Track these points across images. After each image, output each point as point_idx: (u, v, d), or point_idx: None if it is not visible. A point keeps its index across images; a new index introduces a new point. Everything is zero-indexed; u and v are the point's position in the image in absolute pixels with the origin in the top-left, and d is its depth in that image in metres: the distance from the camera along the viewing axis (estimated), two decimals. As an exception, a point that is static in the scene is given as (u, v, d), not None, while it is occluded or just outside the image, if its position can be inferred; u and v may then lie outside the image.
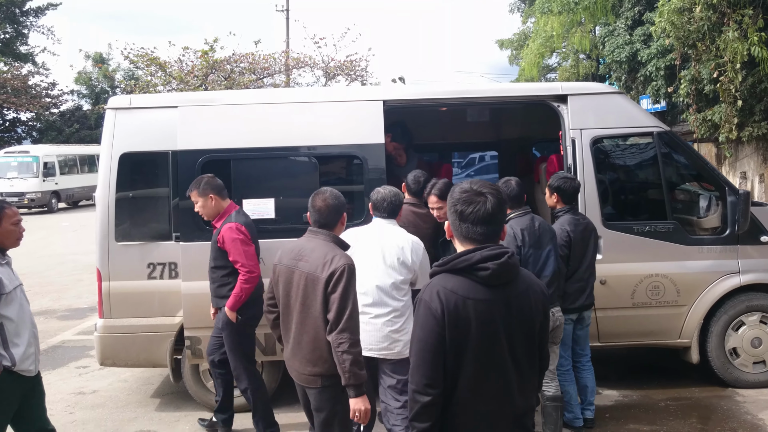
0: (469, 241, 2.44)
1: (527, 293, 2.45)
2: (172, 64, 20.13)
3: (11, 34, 38.51)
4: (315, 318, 3.50)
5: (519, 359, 2.42)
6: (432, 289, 2.41)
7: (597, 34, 22.97)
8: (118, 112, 5.54)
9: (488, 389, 2.39)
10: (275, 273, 3.72)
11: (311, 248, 3.59)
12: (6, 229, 3.83)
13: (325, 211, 3.67)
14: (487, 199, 2.41)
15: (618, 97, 5.85)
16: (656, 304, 5.59)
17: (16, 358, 3.75)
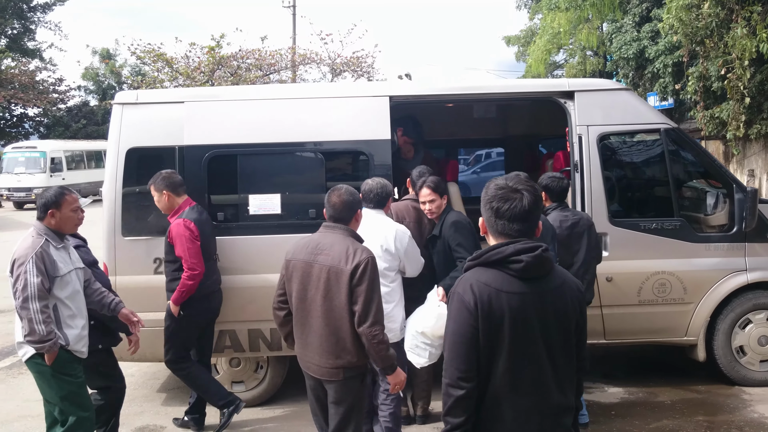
0: (504, 238, 2.42)
1: (562, 289, 2.44)
2: (179, 60, 20.20)
3: (19, 30, 38.65)
4: (339, 310, 3.54)
5: (555, 354, 2.40)
6: (465, 282, 2.40)
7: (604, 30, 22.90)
8: (125, 107, 5.55)
9: (523, 383, 2.37)
10: (288, 269, 3.70)
11: (330, 243, 3.62)
12: (65, 215, 4.05)
13: (340, 207, 3.72)
14: (523, 195, 2.39)
15: (625, 93, 5.83)
16: (663, 301, 5.57)
17: (69, 338, 3.99)
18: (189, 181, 5.40)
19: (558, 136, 6.71)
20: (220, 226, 5.43)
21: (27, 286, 3.82)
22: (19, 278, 3.86)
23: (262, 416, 5.58)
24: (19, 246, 3.99)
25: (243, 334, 5.43)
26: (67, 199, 4.06)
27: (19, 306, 3.86)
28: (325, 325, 3.57)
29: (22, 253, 3.90)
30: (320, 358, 3.61)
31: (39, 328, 3.82)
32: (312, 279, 3.59)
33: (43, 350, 3.87)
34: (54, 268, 3.93)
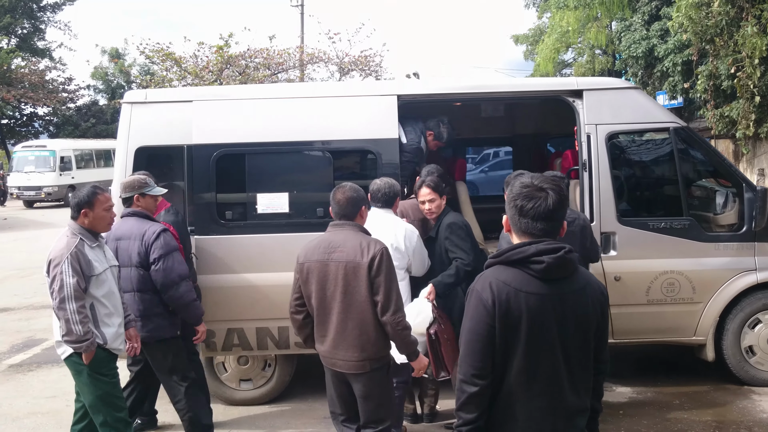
0: (527, 236, 2.41)
1: (584, 291, 2.42)
2: (187, 59, 20.24)
3: (29, 30, 38.88)
4: (361, 303, 3.64)
5: (570, 356, 2.39)
6: (485, 280, 2.40)
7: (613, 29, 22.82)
8: (134, 106, 5.57)
9: (537, 384, 2.37)
10: (303, 272, 3.76)
11: (342, 240, 3.71)
12: (98, 215, 4.09)
13: (344, 204, 3.79)
14: (548, 194, 2.37)
15: (634, 92, 5.80)
16: (671, 301, 5.55)
17: (107, 337, 4.06)
18: (197, 180, 5.42)
19: (566, 135, 6.70)
20: (228, 225, 5.45)
21: (63, 287, 3.87)
22: (55, 279, 3.90)
23: (270, 414, 5.60)
24: (54, 246, 4.02)
25: (251, 332, 5.45)
26: (99, 199, 4.08)
27: (56, 306, 3.91)
28: (348, 319, 3.66)
29: (58, 254, 3.93)
30: (345, 352, 3.69)
31: (76, 328, 3.88)
32: (329, 277, 3.67)
33: (81, 350, 3.93)
34: (90, 268, 3.98)
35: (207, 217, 5.43)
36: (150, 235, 4.54)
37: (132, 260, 4.57)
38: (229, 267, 5.36)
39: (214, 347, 5.45)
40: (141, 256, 4.54)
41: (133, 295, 4.59)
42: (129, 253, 4.57)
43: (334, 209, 3.83)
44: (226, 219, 5.46)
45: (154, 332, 4.62)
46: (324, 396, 5.76)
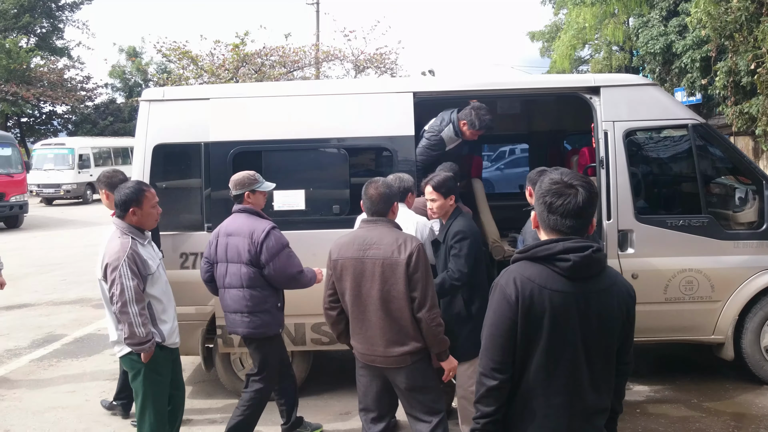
0: (555, 233, 2.40)
1: (610, 291, 2.40)
2: (204, 57, 20.39)
3: (48, 29, 39.27)
4: (399, 299, 3.62)
5: (592, 355, 2.37)
6: (509, 275, 2.39)
7: (630, 25, 22.66)
8: (152, 104, 5.62)
9: (556, 381, 2.36)
10: (337, 269, 3.74)
11: (378, 236, 3.69)
12: (147, 212, 4.09)
13: (378, 199, 3.77)
14: (578, 191, 2.35)
15: (652, 88, 5.76)
16: (690, 299, 5.50)
17: (165, 334, 4.10)
18: (215, 177, 5.46)
19: (583, 132, 6.67)
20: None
21: (124, 291, 3.87)
22: (114, 283, 3.89)
23: (287, 410, 5.62)
24: (108, 249, 4.00)
25: (267, 328, 5.46)
26: (147, 196, 4.08)
27: (118, 311, 3.91)
28: (386, 316, 3.65)
29: (114, 257, 3.91)
30: (385, 348, 3.68)
31: (139, 330, 3.90)
32: (366, 274, 3.65)
33: (142, 351, 3.97)
34: (145, 267, 4.00)
35: (224, 215, 5.45)
36: (259, 234, 4.52)
37: (241, 257, 4.56)
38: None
39: (231, 343, 5.48)
40: (251, 254, 4.53)
41: (241, 291, 4.61)
42: (238, 250, 4.57)
43: (366, 205, 3.81)
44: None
45: (260, 329, 4.65)
46: (339, 392, 5.80)
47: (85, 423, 5.50)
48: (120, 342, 4.06)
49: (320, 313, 5.21)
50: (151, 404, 4.10)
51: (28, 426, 5.45)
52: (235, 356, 5.76)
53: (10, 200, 19.00)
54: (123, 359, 4.12)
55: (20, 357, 7.35)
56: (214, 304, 5.43)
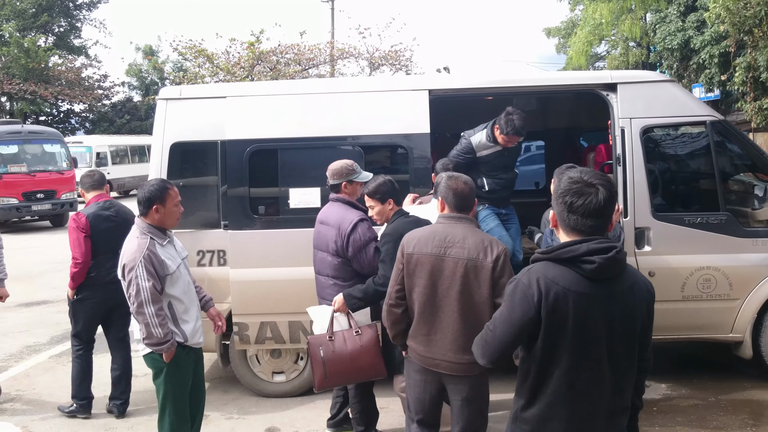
0: (576, 233, 2.38)
1: (632, 290, 2.39)
2: (219, 55, 20.45)
3: (65, 28, 39.62)
4: (480, 304, 3.40)
5: (617, 356, 2.37)
6: (532, 275, 2.38)
7: (648, 21, 22.47)
8: (169, 102, 5.65)
9: (582, 384, 2.36)
10: (411, 264, 3.49)
11: (461, 235, 3.46)
12: (170, 210, 4.06)
13: (468, 195, 3.59)
14: (598, 190, 2.33)
15: (669, 85, 5.71)
16: (707, 297, 5.46)
17: (187, 334, 4.06)
18: (231, 175, 5.49)
19: (600, 129, 6.62)
20: (261, 220, 5.51)
21: (140, 291, 3.84)
22: (131, 284, 3.87)
23: (302, 406, 5.65)
24: (125, 249, 3.98)
25: (283, 325, 5.50)
26: (170, 194, 4.04)
27: (134, 311, 3.90)
28: (462, 319, 3.42)
29: (130, 258, 3.89)
30: (454, 354, 3.45)
31: (156, 331, 3.88)
32: (444, 273, 3.42)
33: (160, 352, 3.95)
34: (163, 268, 3.94)
35: (240, 212, 5.50)
36: (346, 225, 4.49)
37: (329, 247, 4.58)
38: (262, 261, 5.42)
39: (248, 340, 5.52)
40: (336, 246, 4.52)
41: (327, 279, 4.64)
42: (326, 240, 4.59)
43: (454, 201, 3.56)
44: (258, 214, 5.53)
45: None
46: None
47: (104, 419, 5.56)
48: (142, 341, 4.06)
49: (336, 310, 5.26)
50: (172, 403, 4.09)
51: (47, 421, 5.51)
52: (251, 353, 5.79)
53: (61, 198, 18.94)
54: (146, 358, 4.10)
55: (39, 353, 7.45)
56: (231, 301, 5.48)
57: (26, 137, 19.17)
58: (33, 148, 19.30)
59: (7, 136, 18.71)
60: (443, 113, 5.98)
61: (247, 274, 5.40)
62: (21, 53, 31.91)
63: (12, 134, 18.89)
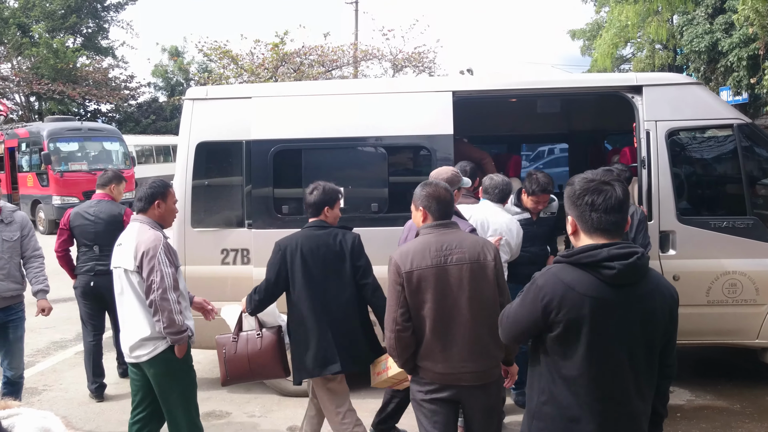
0: (599, 233, 2.37)
1: (653, 295, 2.37)
2: (244, 56, 20.61)
3: (93, 29, 40.17)
4: (490, 305, 3.31)
5: (637, 361, 2.36)
6: (548, 277, 2.38)
7: (675, 23, 22.21)
8: (196, 102, 5.72)
9: (601, 389, 2.35)
10: (413, 281, 3.27)
11: (456, 239, 3.36)
12: (170, 207, 4.15)
13: (450, 201, 3.53)
14: (614, 186, 2.38)
15: (696, 87, 5.66)
16: (733, 302, 5.39)
17: (192, 329, 4.10)
18: (255, 175, 5.54)
19: (624, 132, 6.58)
20: (284, 219, 5.55)
21: (164, 278, 3.83)
22: (154, 270, 3.82)
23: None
24: (142, 239, 3.91)
25: (305, 324, 5.52)
26: (171, 192, 4.13)
27: (159, 297, 3.82)
28: (476, 325, 3.29)
29: (151, 245, 3.87)
30: (474, 363, 3.31)
31: (178, 318, 3.86)
32: (451, 282, 3.28)
33: (180, 341, 3.92)
34: (177, 259, 4.03)
35: (264, 211, 5.55)
36: None
37: None
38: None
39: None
40: None
41: None
42: None
43: (437, 208, 3.45)
44: (282, 213, 5.57)
45: None
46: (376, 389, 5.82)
47: (127, 414, 5.61)
48: (151, 339, 3.92)
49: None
50: (187, 402, 4.10)
51: (73, 416, 5.60)
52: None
53: None
54: (155, 360, 3.95)
55: (66, 349, 7.57)
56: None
57: (86, 134, 18.84)
58: (93, 145, 18.92)
59: (68, 133, 18.40)
60: (467, 115, 5.97)
61: (271, 273, 5.44)
62: (50, 54, 32.43)
63: (72, 131, 18.57)
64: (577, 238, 2.46)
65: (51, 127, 18.69)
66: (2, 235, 4.98)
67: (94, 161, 18.56)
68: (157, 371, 4.01)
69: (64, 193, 17.57)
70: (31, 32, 35.10)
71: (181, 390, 4.10)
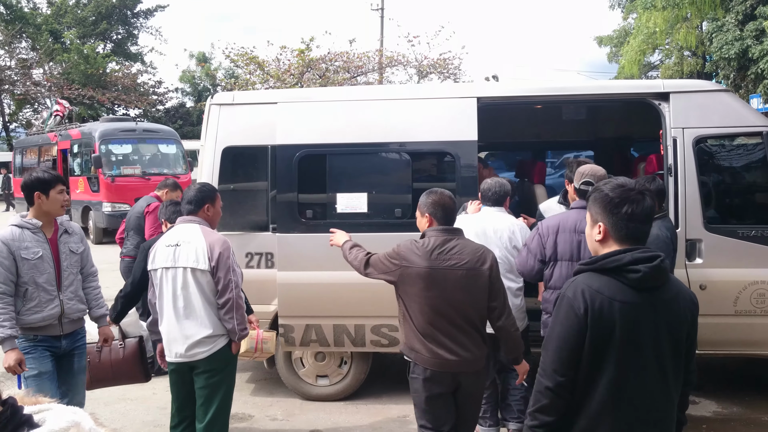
0: (629, 241, 2.39)
1: (676, 300, 2.39)
2: (270, 63, 20.80)
3: (123, 35, 40.88)
4: (480, 308, 3.66)
5: (665, 367, 2.36)
6: (576, 287, 2.37)
7: (704, 29, 21.95)
8: (222, 108, 5.78)
9: (629, 394, 2.34)
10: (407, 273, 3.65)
11: (459, 246, 3.65)
12: (218, 210, 4.27)
13: (454, 207, 3.83)
14: (644, 194, 2.40)
15: (724, 94, 5.59)
16: (761, 312, 5.30)
17: None
18: (280, 179, 5.59)
19: (651, 139, 6.51)
20: (308, 223, 5.58)
21: (238, 276, 4.02)
22: (230, 269, 3.96)
23: (346, 411, 5.70)
24: (211, 240, 4.00)
25: (328, 328, 5.56)
26: (218, 195, 4.29)
27: (236, 296, 3.97)
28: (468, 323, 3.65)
29: (225, 246, 3.99)
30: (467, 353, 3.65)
31: (244, 315, 4.08)
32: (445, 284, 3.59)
33: (242, 338, 4.11)
34: None
35: (288, 216, 5.59)
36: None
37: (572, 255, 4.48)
38: (309, 264, 5.50)
39: (293, 342, 5.59)
40: None
41: None
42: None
43: (442, 215, 3.73)
44: (306, 217, 5.60)
45: None
46: (398, 395, 5.83)
47: (152, 415, 5.71)
48: (212, 337, 3.98)
49: (381, 314, 5.31)
50: (227, 399, 4.17)
51: (98, 416, 5.68)
52: (296, 356, 5.87)
53: None
54: (213, 356, 4.01)
55: (93, 349, 7.67)
56: (278, 303, 5.57)
57: (141, 136, 17.30)
58: (148, 148, 17.41)
59: (121, 134, 16.94)
60: (492, 122, 5.96)
61: (294, 276, 5.48)
62: (81, 59, 33.05)
63: (126, 132, 17.09)
64: (606, 245, 2.45)
65: (104, 127, 17.33)
66: (69, 245, 4.28)
67: (148, 165, 17.23)
68: (212, 367, 4.06)
69: (114, 199, 16.20)
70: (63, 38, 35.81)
71: (227, 389, 4.17)
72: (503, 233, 4.77)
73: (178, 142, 17.80)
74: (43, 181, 4.08)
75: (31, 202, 4.12)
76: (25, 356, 4.00)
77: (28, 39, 35.44)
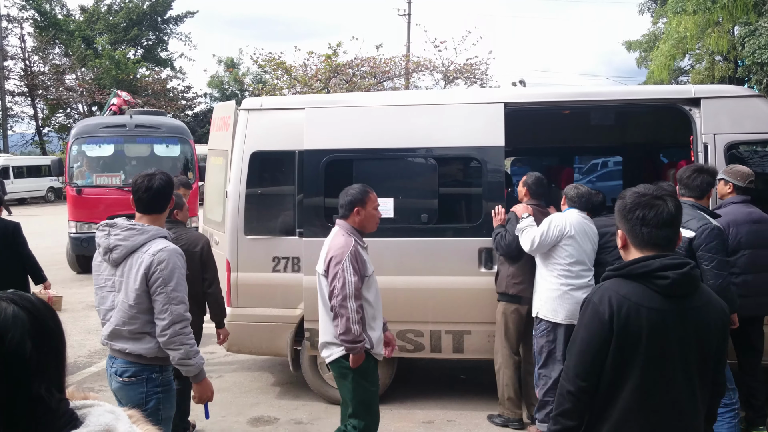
0: (650, 247, 2.36)
1: (706, 309, 2.35)
2: (297, 68, 20.94)
3: (153, 41, 41.55)
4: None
5: (692, 376, 2.32)
6: (603, 293, 2.36)
7: (736, 34, 21.64)
8: (251, 113, 5.84)
9: (656, 402, 2.32)
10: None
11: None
12: (370, 213, 4.13)
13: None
14: (666, 201, 2.35)
15: (757, 100, 5.49)
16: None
17: (373, 340, 4.08)
18: (307, 184, 5.62)
19: (681, 145, 6.44)
20: (334, 228, 5.60)
21: (346, 285, 3.89)
22: (337, 276, 3.91)
23: (370, 415, 5.69)
24: (332, 244, 4.03)
25: (354, 333, 5.56)
26: (371, 197, 4.13)
27: (338, 304, 3.91)
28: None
29: (338, 251, 3.95)
30: None
31: (354, 327, 3.89)
32: None
33: (354, 351, 3.93)
34: (364, 268, 4.02)
35: (315, 220, 5.62)
36: None
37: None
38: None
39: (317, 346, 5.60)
40: None
41: None
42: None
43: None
44: (333, 222, 5.61)
45: None
46: (423, 400, 5.81)
47: (179, 416, 5.76)
48: (331, 344, 4.03)
49: (406, 320, 5.31)
50: (364, 413, 4.08)
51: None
52: (322, 360, 5.87)
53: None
54: (332, 365, 4.08)
55: (122, 350, 7.76)
56: (304, 307, 5.59)
57: (130, 133, 12.68)
58: (137, 149, 12.96)
59: (102, 131, 12.71)
60: (519, 127, 5.93)
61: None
62: (112, 65, 33.68)
63: (110, 129, 12.77)
64: (628, 252, 2.44)
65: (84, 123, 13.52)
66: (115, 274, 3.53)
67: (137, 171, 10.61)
68: (335, 375, 4.16)
69: (81, 218, 11.97)
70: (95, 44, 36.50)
71: (360, 400, 4.07)
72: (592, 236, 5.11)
73: (185, 142, 13.08)
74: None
75: None
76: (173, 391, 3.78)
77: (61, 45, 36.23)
